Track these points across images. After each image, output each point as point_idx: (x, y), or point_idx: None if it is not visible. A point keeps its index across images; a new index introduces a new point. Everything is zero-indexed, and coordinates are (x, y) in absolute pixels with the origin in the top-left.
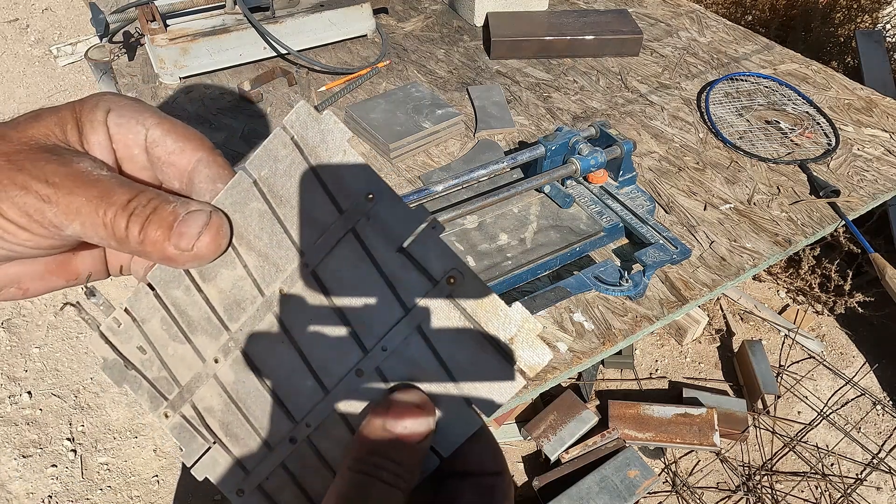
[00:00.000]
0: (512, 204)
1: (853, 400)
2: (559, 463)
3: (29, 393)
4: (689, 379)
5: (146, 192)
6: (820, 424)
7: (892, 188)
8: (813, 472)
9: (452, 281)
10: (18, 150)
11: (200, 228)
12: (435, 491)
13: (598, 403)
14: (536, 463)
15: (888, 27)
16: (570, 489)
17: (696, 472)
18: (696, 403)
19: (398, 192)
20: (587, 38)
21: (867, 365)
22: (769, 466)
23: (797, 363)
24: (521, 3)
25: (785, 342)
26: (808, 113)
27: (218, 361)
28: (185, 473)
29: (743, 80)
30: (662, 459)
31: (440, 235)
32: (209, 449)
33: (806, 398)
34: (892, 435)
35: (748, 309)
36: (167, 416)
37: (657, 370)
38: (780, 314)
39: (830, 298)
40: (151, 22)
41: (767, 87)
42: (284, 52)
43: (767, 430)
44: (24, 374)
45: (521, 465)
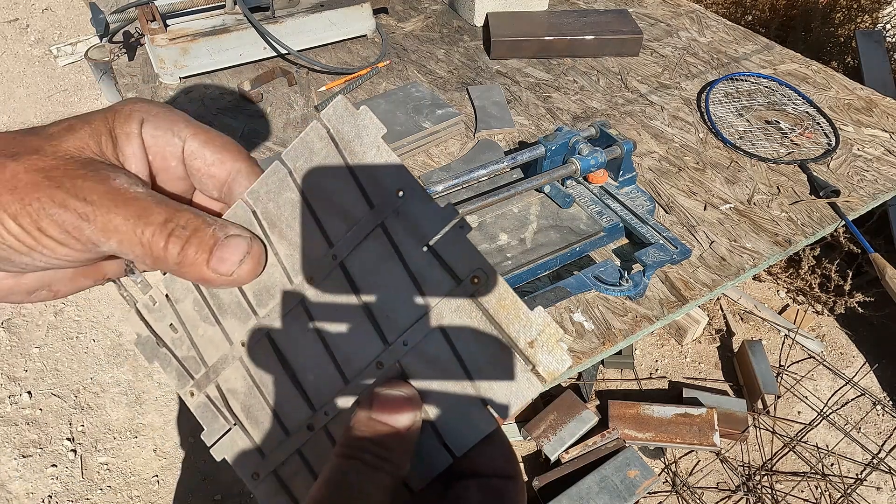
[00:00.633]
0: (512, 204)
1: (853, 400)
2: (559, 463)
3: (29, 393)
4: (689, 379)
5: (183, 211)
6: (820, 424)
7: (892, 188)
8: (813, 472)
9: (476, 281)
10: (55, 165)
11: (242, 256)
12: (445, 489)
13: (598, 403)
14: (536, 463)
15: (888, 27)
16: (570, 489)
17: (696, 472)
18: (696, 403)
19: None
20: (587, 38)
21: (867, 365)
22: (769, 466)
23: (797, 363)
24: (521, 3)
25: (785, 342)
26: (808, 113)
27: (245, 345)
28: (185, 473)
29: (743, 80)
30: (662, 459)
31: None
32: (229, 430)
33: (806, 398)
34: (892, 435)
35: (748, 309)
36: (192, 394)
37: (657, 370)
38: (780, 314)
39: (830, 298)
40: (151, 22)
41: (767, 87)
42: (284, 52)
43: (767, 430)
44: (24, 374)
45: (521, 465)
